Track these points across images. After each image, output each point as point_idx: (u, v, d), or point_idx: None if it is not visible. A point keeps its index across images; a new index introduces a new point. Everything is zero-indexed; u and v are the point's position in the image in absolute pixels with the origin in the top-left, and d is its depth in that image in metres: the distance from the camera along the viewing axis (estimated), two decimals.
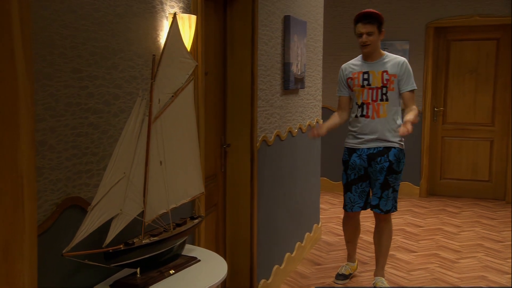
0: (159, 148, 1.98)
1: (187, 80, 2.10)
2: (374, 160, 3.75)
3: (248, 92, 3.36)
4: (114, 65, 1.99)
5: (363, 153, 3.78)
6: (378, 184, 3.76)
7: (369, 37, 3.69)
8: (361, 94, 3.76)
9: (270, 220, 3.78)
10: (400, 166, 3.76)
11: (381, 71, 3.73)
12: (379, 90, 3.72)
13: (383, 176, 3.73)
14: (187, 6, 2.52)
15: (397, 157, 3.73)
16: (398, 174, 3.76)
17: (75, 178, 1.81)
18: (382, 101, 3.72)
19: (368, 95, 3.74)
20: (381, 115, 3.72)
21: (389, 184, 3.74)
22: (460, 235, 5.21)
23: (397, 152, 3.73)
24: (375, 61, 3.79)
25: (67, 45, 1.75)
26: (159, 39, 2.29)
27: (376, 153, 3.75)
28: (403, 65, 3.74)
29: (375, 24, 3.70)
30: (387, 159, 3.72)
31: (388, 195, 3.75)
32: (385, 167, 3.72)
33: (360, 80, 3.78)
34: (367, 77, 3.77)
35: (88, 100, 1.86)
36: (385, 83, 3.71)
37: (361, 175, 3.83)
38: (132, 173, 1.87)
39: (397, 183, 3.78)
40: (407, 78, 3.73)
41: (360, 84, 3.77)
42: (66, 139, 1.76)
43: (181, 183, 2.14)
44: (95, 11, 1.88)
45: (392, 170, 3.73)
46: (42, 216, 1.67)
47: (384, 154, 3.73)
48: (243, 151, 3.40)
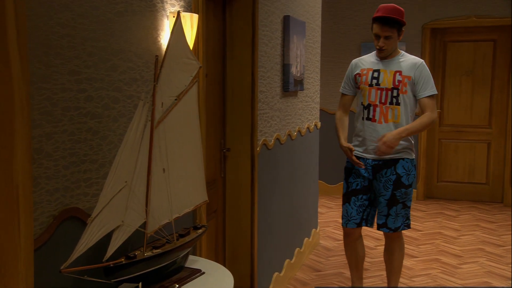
0: (162, 155, 1.87)
1: (190, 82, 1.98)
2: (379, 173, 3.31)
3: (248, 95, 3.25)
4: (113, 66, 1.88)
5: (367, 164, 3.33)
6: (383, 201, 3.30)
7: (386, 41, 3.22)
8: (368, 94, 3.31)
9: (270, 226, 3.67)
10: (410, 179, 3.31)
11: (394, 71, 3.26)
12: (389, 92, 3.25)
13: (389, 192, 3.27)
14: (188, 4, 2.41)
15: (406, 170, 3.29)
16: (408, 189, 3.30)
17: (73, 188, 1.69)
18: (392, 105, 3.25)
19: (376, 96, 3.28)
20: (390, 120, 3.25)
21: (397, 199, 3.28)
22: (460, 239, 5.13)
23: (407, 164, 3.29)
24: (389, 59, 3.31)
25: (64, 45, 1.63)
26: (159, 39, 2.17)
27: (382, 165, 3.30)
28: (420, 67, 3.25)
29: (395, 27, 3.20)
30: (394, 172, 3.27)
31: (396, 211, 3.30)
32: (392, 181, 3.27)
33: (368, 78, 3.32)
34: (377, 75, 3.30)
35: (86, 104, 1.74)
36: (397, 84, 3.23)
37: (365, 187, 3.36)
38: (134, 181, 1.75)
39: (408, 198, 3.32)
40: (425, 82, 3.23)
41: (368, 82, 3.31)
42: (63, 146, 1.64)
43: (185, 191, 2.02)
44: (94, 8, 1.76)
45: (400, 184, 3.27)
46: (38, 229, 1.55)
47: (391, 166, 3.28)
48: (243, 155, 3.29)
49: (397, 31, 3.22)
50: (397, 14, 3.18)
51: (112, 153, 1.88)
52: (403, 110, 3.25)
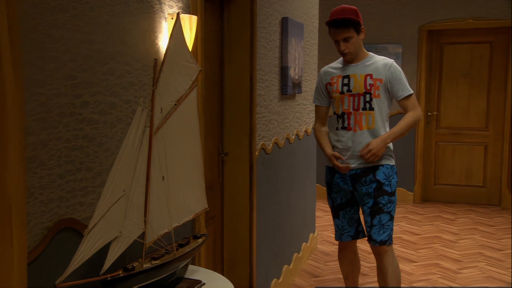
0: (161, 162, 1.80)
1: (190, 86, 1.91)
2: (358, 182, 3.06)
3: (246, 98, 3.19)
4: (110, 70, 1.80)
5: (345, 175, 3.10)
6: (367, 209, 3.07)
7: (347, 44, 3.02)
8: (341, 102, 3.08)
9: (268, 232, 3.60)
10: (393, 186, 3.07)
11: (364, 75, 3.04)
12: (361, 97, 3.03)
13: (372, 199, 3.04)
14: (186, 6, 2.34)
15: (387, 176, 3.04)
16: (391, 196, 3.05)
17: (69, 197, 1.62)
18: (366, 110, 3.03)
19: (349, 103, 3.05)
20: (364, 127, 3.03)
21: (381, 208, 3.02)
22: (458, 243, 5.09)
23: (387, 170, 3.05)
24: (357, 63, 3.09)
25: (60, 48, 1.56)
26: (157, 41, 2.10)
27: (360, 173, 3.05)
28: (390, 68, 3.03)
29: (350, 27, 3.00)
30: (373, 179, 3.03)
31: (380, 221, 3.03)
32: (373, 188, 3.03)
33: (339, 85, 3.09)
34: (347, 81, 3.07)
35: (82, 109, 1.67)
36: (369, 88, 3.02)
37: (348, 200, 3.16)
38: (132, 190, 1.68)
39: (392, 207, 3.06)
40: (399, 83, 3.03)
41: (339, 90, 3.08)
42: (59, 154, 1.56)
43: (184, 199, 1.95)
44: (90, 10, 1.69)
45: (382, 191, 3.03)
46: (32, 241, 1.47)
47: (370, 173, 3.03)
48: (241, 160, 3.21)
49: (354, 30, 3.01)
50: (349, 14, 3.01)
51: (109, 160, 1.80)
52: (377, 115, 3.04)
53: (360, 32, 3.06)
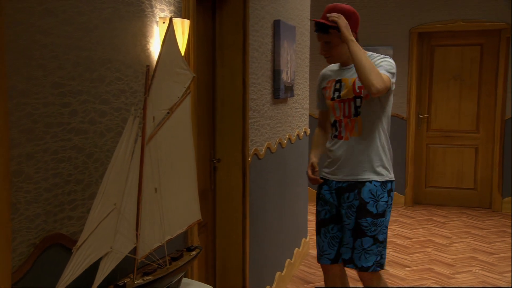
0: (154, 173, 1.72)
1: (184, 93, 1.84)
2: (342, 196, 2.76)
3: (239, 103, 3.12)
4: (100, 77, 1.72)
5: (332, 185, 2.81)
6: (347, 231, 2.74)
7: (326, 47, 2.75)
8: (333, 110, 2.80)
9: (261, 239, 3.54)
10: (380, 207, 2.68)
11: (353, 79, 2.71)
12: (351, 102, 2.71)
13: (352, 220, 2.71)
14: (178, 9, 2.27)
15: (374, 195, 2.68)
16: (377, 219, 2.67)
17: (56, 212, 1.54)
18: (357, 116, 2.71)
19: (340, 109, 2.76)
20: (354, 133, 2.73)
21: (363, 231, 2.67)
22: (451, 247, 5.05)
23: (375, 188, 2.69)
24: (349, 66, 2.77)
25: (47, 55, 1.48)
26: (148, 46, 2.03)
27: (345, 188, 2.75)
28: (378, 60, 2.66)
29: (329, 32, 2.69)
30: (357, 196, 2.70)
31: (363, 246, 2.68)
32: (355, 207, 2.70)
33: (331, 91, 2.80)
34: (339, 86, 2.78)
35: (71, 119, 1.59)
36: (358, 92, 2.68)
37: (333, 216, 2.82)
38: (123, 203, 1.61)
39: (379, 230, 2.68)
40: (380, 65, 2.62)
41: (331, 96, 2.80)
42: (45, 167, 1.48)
43: (178, 211, 1.87)
44: (79, 14, 1.61)
45: (365, 211, 2.67)
46: (17, 260, 1.39)
47: (354, 189, 2.71)
48: (234, 166, 3.14)
49: (337, 36, 2.66)
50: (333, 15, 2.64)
51: (99, 171, 1.72)
52: (365, 119, 2.70)
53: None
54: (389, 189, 2.75)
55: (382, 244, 2.72)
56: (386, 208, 2.72)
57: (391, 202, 2.77)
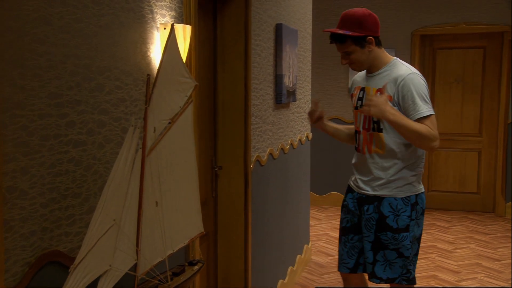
0: (155, 186, 1.65)
1: (185, 103, 1.77)
2: (362, 207, 2.63)
3: (241, 109, 3.05)
4: (98, 86, 1.66)
5: (355, 194, 2.68)
6: (368, 244, 2.59)
7: (348, 57, 2.58)
8: (356, 119, 2.67)
9: (263, 247, 3.47)
10: (401, 222, 2.49)
11: (376, 89, 2.55)
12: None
13: (372, 233, 2.56)
14: (179, 15, 2.20)
15: (394, 209, 2.51)
16: (398, 233, 2.49)
17: (53, 228, 1.47)
18: (375, 131, 2.53)
19: (360, 120, 2.62)
20: (373, 150, 2.55)
21: (384, 244, 2.51)
22: (455, 253, 4.99)
23: (396, 202, 2.51)
24: (373, 73, 2.61)
25: (43, 65, 1.41)
26: (149, 53, 1.96)
27: (365, 199, 2.61)
28: (401, 84, 2.45)
29: (347, 42, 2.52)
30: (376, 210, 2.55)
31: (386, 258, 2.52)
32: (375, 220, 2.55)
33: (356, 99, 2.68)
34: (362, 95, 2.63)
35: (68, 130, 1.52)
36: None
37: (354, 225, 2.69)
38: (123, 219, 1.54)
39: (402, 245, 2.49)
40: (411, 101, 2.43)
41: (355, 104, 2.68)
42: (41, 181, 1.42)
43: (179, 225, 1.81)
44: (76, 21, 1.54)
45: (384, 225, 2.51)
46: (11, 281, 1.32)
47: (374, 201, 2.56)
48: (236, 173, 3.08)
49: (354, 44, 2.52)
50: (348, 26, 2.52)
51: (98, 184, 1.66)
52: (388, 138, 2.50)
53: (366, 44, 2.52)
54: (413, 202, 2.53)
55: (408, 260, 2.52)
56: (410, 222, 2.51)
57: (417, 216, 2.56)
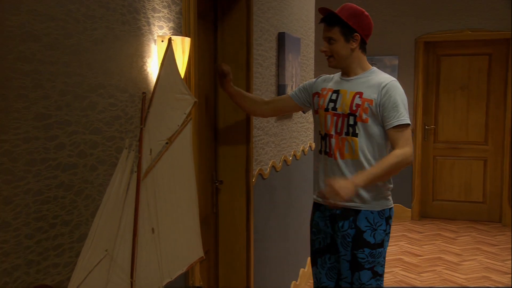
0: (151, 212, 1.54)
1: (184, 121, 1.67)
2: (336, 224, 2.49)
3: (243, 121, 2.94)
4: (91, 105, 1.55)
5: (325, 212, 2.55)
6: (345, 263, 2.46)
7: (329, 46, 2.48)
8: (324, 121, 2.53)
9: (266, 263, 3.35)
10: (378, 236, 2.43)
11: (354, 92, 2.46)
12: (345, 118, 2.45)
13: (348, 251, 2.44)
14: (178, 26, 2.10)
15: (371, 223, 2.43)
16: (375, 249, 2.42)
17: (40, 260, 1.36)
18: (349, 136, 2.44)
19: (332, 123, 2.49)
20: (346, 156, 2.44)
21: (360, 264, 2.42)
22: (462, 265, 4.87)
23: (372, 215, 2.43)
24: (351, 77, 2.52)
25: (29, 84, 1.30)
26: (146, 67, 1.85)
27: (340, 215, 2.47)
28: (384, 88, 2.42)
29: (335, 27, 2.44)
30: (352, 225, 2.44)
31: (361, 280, 2.43)
32: (351, 236, 2.43)
33: (326, 100, 2.53)
34: (335, 97, 2.51)
35: (57, 153, 1.41)
36: (354, 109, 2.43)
37: (328, 245, 2.56)
38: (116, 249, 1.43)
39: (377, 262, 2.43)
40: (391, 108, 2.39)
41: (325, 106, 2.53)
42: (27, 211, 1.31)
43: (178, 250, 1.70)
44: (66, 37, 1.44)
45: (361, 241, 2.41)
46: None
47: (349, 217, 2.44)
48: (237, 188, 2.96)
49: (341, 33, 2.44)
50: (343, 12, 2.44)
51: (90, 209, 1.55)
52: (363, 143, 2.42)
53: (352, 39, 2.46)
54: (387, 216, 2.48)
55: (381, 278, 2.47)
56: (385, 237, 2.47)
57: (390, 231, 2.53)
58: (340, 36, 2.46)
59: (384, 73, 2.57)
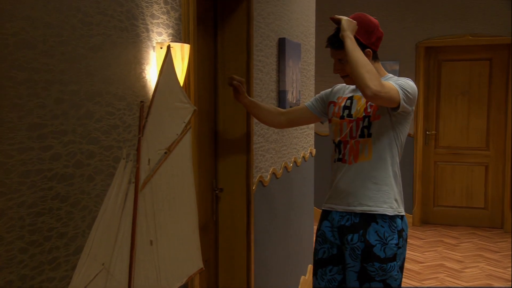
0: (149, 223, 1.50)
1: (183, 130, 1.63)
2: (344, 237, 2.43)
3: (243, 128, 2.90)
4: (88, 113, 1.51)
5: (334, 222, 2.48)
6: (353, 274, 2.40)
7: (341, 65, 2.46)
8: (339, 129, 2.48)
9: (266, 271, 3.31)
10: (389, 251, 2.34)
11: None
12: (360, 122, 2.41)
13: (358, 263, 2.38)
14: (177, 32, 2.06)
15: (381, 237, 2.35)
16: (386, 264, 2.33)
17: (34, 275, 1.32)
18: (363, 138, 2.40)
19: (347, 129, 2.45)
20: (360, 158, 2.40)
21: (371, 276, 2.35)
22: (464, 272, 4.82)
23: (383, 229, 2.36)
24: None
25: (23, 93, 1.27)
26: (144, 74, 1.82)
27: (349, 227, 2.41)
28: (393, 78, 2.43)
29: (342, 48, 2.34)
30: (362, 238, 2.37)
31: None
32: (360, 249, 2.37)
33: (341, 108, 2.50)
34: (349, 104, 2.48)
35: (53, 164, 1.37)
36: (369, 111, 2.40)
37: (333, 256, 2.49)
38: (113, 262, 1.39)
39: (390, 276, 2.34)
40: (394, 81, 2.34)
41: (340, 114, 2.50)
42: (21, 223, 1.27)
43: (176, 263, 1.65)
44: (62, 44, 1.40)
45: (371, 255, 2.34)
46: None
47: (359, 229, 2.38)
48: (238, 196, 2.92)
49: None
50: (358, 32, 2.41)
51: (87, 220, 1.51)
52: (377, 143, 2.38)
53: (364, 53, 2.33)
54: (399, 229, 2.38)
55: None
56: (397, 250, 2.36)
57: (404, 244, 2.41)
58: None
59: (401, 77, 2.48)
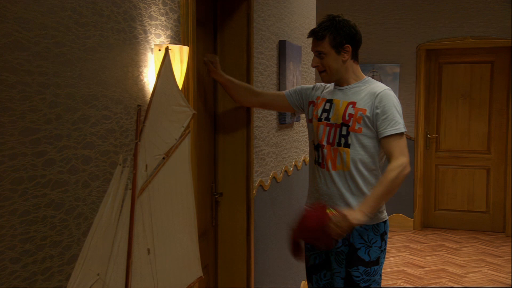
0: (146, 231, 1.45)
1: (182, 134, 1.58)
2: None
3: (243, 131, 2.85)
4: (83, 117, 1.46)
5: None
6: (339, 280, 2.41)
7: (319, 60, 2.43)
8: (317, 131, 2.47)
9: (267, 277, 3.26)
10: (373, 254, 2.35)
11: (347, 102, 2.39)
12: (338, 129, 2.38)
13: (343, 268, 2.38)
14: (176, 34, 2.01)
15: (366, 240, 2.35)
16: (370, 267, 2.33)
17: (26, 286, 1.27)
18: (340, 146, 2.37)
19: (324, 133, 2.42)
20: (338, 167, 2.38)
21: (356, 282, 2.34)
22: (467, 277, 4.77)
23: (366, 232, 2.35)
24: (344, 87, 2.45)
25: (15, 97, 1.22)
26: (142, 77, 1.77)
27: None
28: (378, 97, 2.34)
29: (325, 40, 2.37)
30: (346, 242, 2.36)
31: None
32: (345, 254, 2.38)
33: (319, 110, 2.48)
34: (328, 107, 2.45)
35: (46, 170, 1.32)
36: (347, 119, 2.36)
37: (324, 261, 2.49)
38: (109, 272, 1.34)
39: (373, 280, 2.35)
40: (386, 117, 2.31)
41: (318, 116, 2.47)
42: (12, 233, 1.22)
43: (175, 272, 1.60)
44: (57, 46, 1.35)
45: (356, 259, 2.34)
46: None
47: None
48: (237, 200, 2.87)
49: (331, 46, 2.37)
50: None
51: (82, 228, 1.46)
52: (355, 154, 2.35)
53: (343, 51, 2.39)
54: (382, 232, 2.39)
55: None
56: (380, 254, 2.38)
57: (385, 247, 2.44)
58: (330, 49, 2.40)
59: (378, 82, 2.50)
